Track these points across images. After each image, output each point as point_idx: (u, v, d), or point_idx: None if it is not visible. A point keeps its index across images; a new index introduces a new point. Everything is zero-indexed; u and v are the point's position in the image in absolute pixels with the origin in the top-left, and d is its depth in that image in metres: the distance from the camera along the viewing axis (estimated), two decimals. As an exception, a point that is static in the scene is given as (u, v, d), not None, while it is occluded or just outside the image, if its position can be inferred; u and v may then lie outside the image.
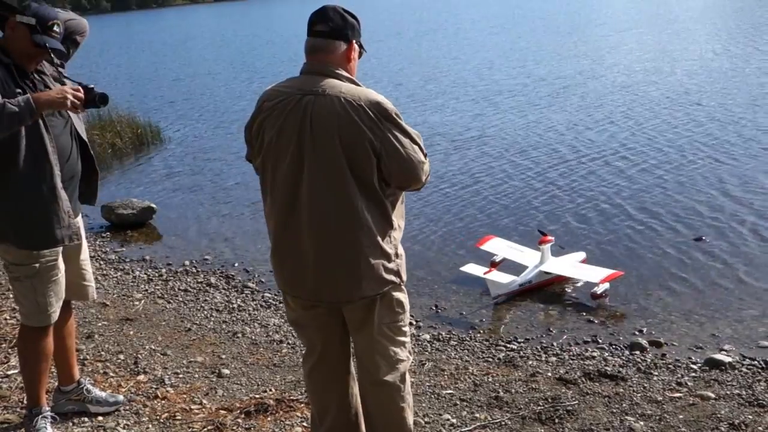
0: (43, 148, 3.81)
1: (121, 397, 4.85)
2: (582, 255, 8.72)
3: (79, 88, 3.83)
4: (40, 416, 4.23)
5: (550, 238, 8.67)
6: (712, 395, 5.11)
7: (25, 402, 4.37)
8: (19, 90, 3.76)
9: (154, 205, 11.58)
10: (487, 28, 40.93)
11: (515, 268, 8.47)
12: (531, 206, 11.04)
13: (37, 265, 3.94)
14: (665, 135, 14.50)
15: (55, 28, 3.91)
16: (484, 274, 8.11)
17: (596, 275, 8.01)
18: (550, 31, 36.85)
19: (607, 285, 7.93)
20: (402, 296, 3.42)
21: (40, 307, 4.01)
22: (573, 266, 8.46)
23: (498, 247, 8.96)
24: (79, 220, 4.22)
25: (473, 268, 8.42)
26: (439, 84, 23.09)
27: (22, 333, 4.18)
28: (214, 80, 28.78)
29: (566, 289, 8.33)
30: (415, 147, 3.20)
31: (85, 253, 4.37)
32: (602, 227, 9.96)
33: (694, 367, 6.05)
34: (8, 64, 3.80)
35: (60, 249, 4.01)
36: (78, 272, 4.30)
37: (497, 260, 8.78)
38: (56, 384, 4.65)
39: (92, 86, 3.91)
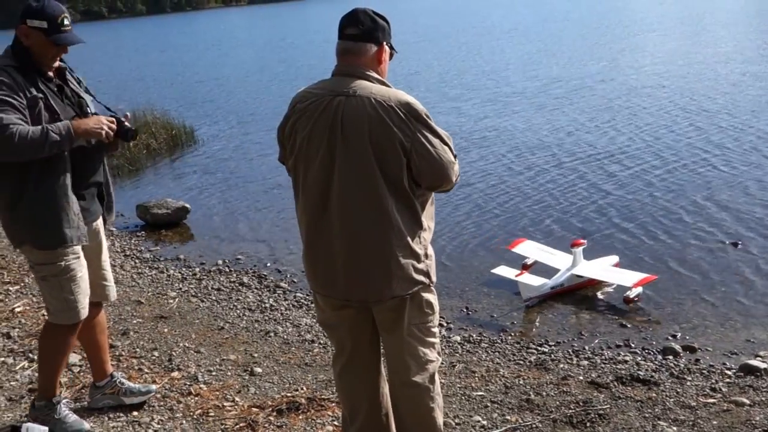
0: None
1: (153, 387, 4.94)
2: (615, 259, 8.65)
3: (114, 120, 4.03)
4: (61, 404, 4.31)
5: (582, 240, 8.62)
6: (747, 401, 5.06)
7: (36, 394, 4.41)
8: (41, 95, 3.83)
9: (188, 205, 11.70)
10: (518, 31, 40.77)
11: (547, 271, 8.43)
12: (561, 209, 10.97)
13: (61, 263, 3.99)
14: (700, 138, 14.33)
15: (66, 21, 3.93)
16: (516, 276, 8.08)
17: (629, 279, 7.94)
18: (586, 31, 36.64)
19: (640, 289, 7.86)
20: (432, 297, 3.43)
21: (69, 304, 4.06)
22: (605, 270, 8.39)
23: (529, 249, 8.93)
24: (99, 223, 4.26)
25: (505, 271, 8.40)
26: (465, 85, 23.10)
27: (49, 330, 4.20)
28: (247, 82, 28.98)
29: (598, 293, 8.28)
30: (446, 147, 3.22)
31: (105, 254, 4.42)
32: (635, 230, 9.87)
33: (729, 372, 5.97)
34: (26, 69, 3.82)
35: (79, 247, 4.06)
36: (98, 273, 4.34)
37: (529, 263, 8.74)
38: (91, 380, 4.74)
39: (123, 119, 4.10)
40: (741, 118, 15.59)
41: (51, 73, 3.99)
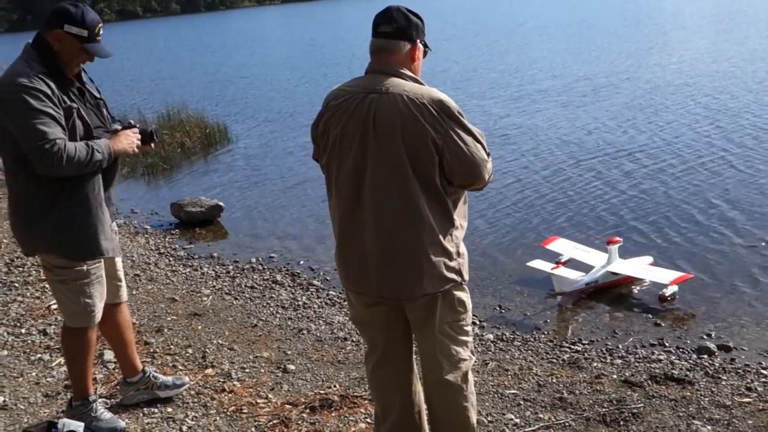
0: None
1: (186, 379, 4.99)
2: (649, 259, 8.57)
3: (137, 130, 4.15)
4: (97, 402, 4.37)
5: (618, 239, 8.56)
6: (784, 401, 5.00)
7: (72, 395, 4.44)
8: (75, 105, 3.84)
9: (222, 203, 11.79)
10: (548, 29, 40.54)
11: (581, 268, 8.39)
12: (593, 207, 10.88)
13: (84, 267, 4.01)
14: (736, 135, 14.14)
15: (101, 32, 3.93)
16: (552, 269, 8.07)
17: (666, 277, 7.88)
18: (617, 29, 36.34)
19: (675, 288, 7.79)
20: (464, 295, 3.43)
21: (87, 308, 4.09)
22: (641, 268, 8.34)
23: (563, 247, 8.90)
24: (114, 225, 4.28)
25: (540, 264, 8.41)
26: (491, 82, 23.06)
27: (67, 332, 4.22)
28: (280, 80, 29.09)
29: (632, 292, 8.22)
30: (478, 145, 3.21)
31: (119, 257, 4.44)
32: (670, 229, 9.76)
33: (765, 372, 5.90)
34: (56, 76, 3.81)
35: None
36: (113, 273, 4.35)
37: (563, 260, 8.70)
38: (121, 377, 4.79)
39: (138, 126, 4.23)
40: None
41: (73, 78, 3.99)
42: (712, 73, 21.23)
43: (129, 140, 4.06)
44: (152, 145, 4.34)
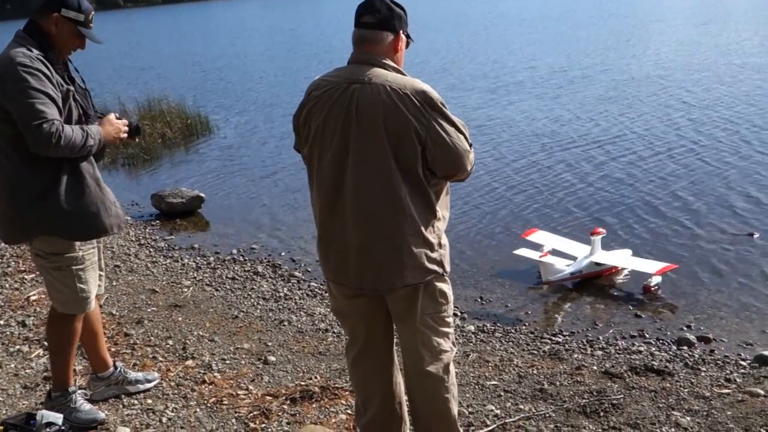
0: None
1: (156, 374, 4.96)
2: (629, 252, 8.62)
3: (125, 122, 4.19)
4: (77, 393, 4.33)
5: (601, 230, 8.62)
6: (762, 392, 5.03)
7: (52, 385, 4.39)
8: (71, 88, 3.87)
9: (202, 194, 11.74)
10: (527, 21, 40.64)
11: (563, 258, 8.43)
12: (576, 200, 10.95)
13: (80, 253, 4.00)
14: (713, 130, 14.25)
15: (93, 18, 4.00)
16: (540, 257, 8.10)
17: (651, 267, 7.95)
18: (598, 21, 36.49)
19: (659, 278, 7.86)
20: (445, 287, 3.42)
21: (81, 294, 4.07)
22: (626, 258, 8.41)
23: (543, 238, 8.94)
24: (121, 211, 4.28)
25: (527, 252, 8.47)
26: (468, 74, 23.17)
27: (55, 319, 4.20)
28: (261, 71, 28.99)
29: (613, 284, 8.27)
30: (461, 136, 3.20)
31: (102, 245, 4.40)
32: (650, 222, 9.83)
33: (744, 363, 5.96)
34: (51, 60, 3.81)
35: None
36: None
37: (545, 251, 8.74)
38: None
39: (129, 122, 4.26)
40: (754, 114, 15.49)
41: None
42: (687, 66, 21.49)
43: (116, 128, 4.08)
44: (136, 139, 4.37)
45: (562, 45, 28.52)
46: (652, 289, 7.80)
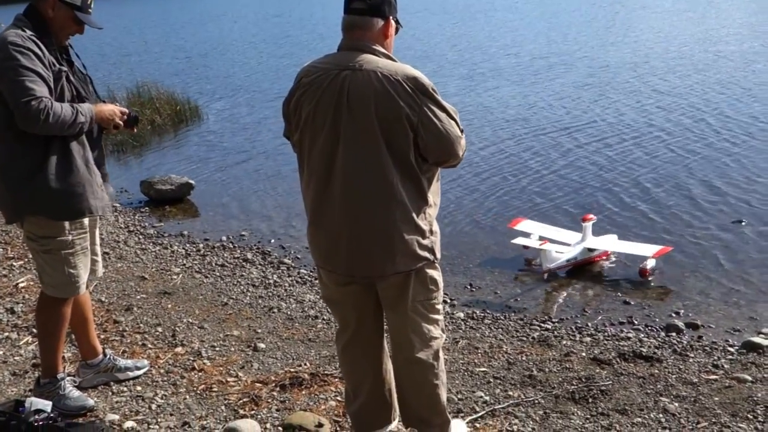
0: None
1: (146, 362, 4.95)
2: (614, 237, 8.66)
3: (125, 111, 4.19)
4: (65, 380, 4.32)
5: (592, 216, 8.67)
6: (749, 378, 5.06)
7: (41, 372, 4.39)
8: (64, 69, 3.87)
9: (192, 181, 11.69)
10: (515, 8, 40.61)
11: (557, 245, 8.48)
12: (566, 187, 10.98)
13: (69, 237, 4.00)
14: (702, 117, 14.32)
15: (92, 4, 4.00)
16: (541, 245, 8.13)
17: (647, 250, 8.02)
18: (591, 5, 36.47)
19: (654, 261, 7.92)
20: (436, 274, 3.42)
21: (71, 278, 4.07)
22: (621, 242, 8.47)
23: (530, 227, 8.96)
24: (110, 193, 4.26)
25: (526, 241, 8.54)
26: (455, 61, 23.21)
27: (45, 303, 4.19)
28: (251, 57, 28.83)
29: (602, 270, 8.30)
30: (452, 122, 3.20)
31: (97, 230, 4.41)
32: (637, 210, 9.86)
33: (731, 349, 5.99)
34: (45, 42, 3.83)
35: (87, 221, 4.09)
36: (91, 248, 4.31)
37: (545, 239, 8.77)
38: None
39: (128, 111, 4.26)
40: (745, 100, 15.56)
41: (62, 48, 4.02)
42: (665, 53, 21.82)
43: (111, 113, 4.09)
44: (134, 129, 4.39)
45: (544, 32, 28.67)
46: (648, 272, 7.85)
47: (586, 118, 14.97)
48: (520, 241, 8.57)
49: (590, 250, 8.34)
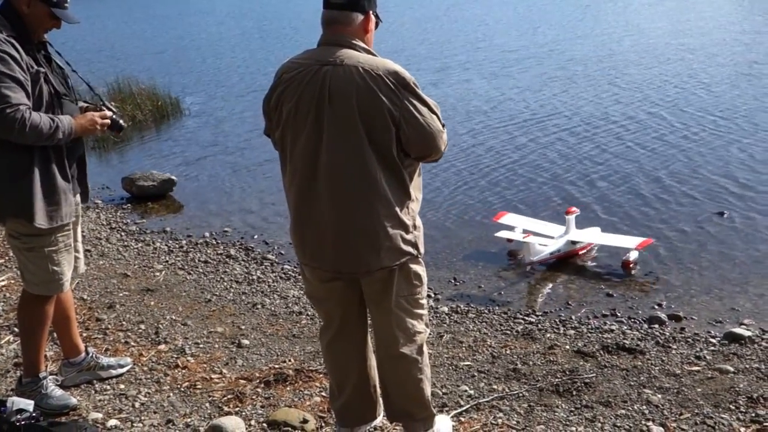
0: None
1: (129, 359, 4.92)
2: (597, 230, 8.70)
3: (106, 114, 4.13)
4: (48, 379, 4.29)
5: (575, 209, 8.71)
6: (731, 369, 5.10)
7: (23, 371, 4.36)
8: (42, 70, 3.83)
9: (174, 177, 11.63)
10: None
11: (540, 238, 8.52)
12: (545, 180, 11.03)
13: (52, 236, 3.98)
14: (683, 109, 14.43)
15: None
16: (524, 238, 8.17)
17: (631, 242, 8.10)
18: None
19: (637, 253, 7.98)
20: (420, 269, 3.42)
21: (54, 275, 4.05)
22: (604, 235, 8.55)
23: (513, 220, 8.98)
24: (78, 198, 4.22)
25: (511, 234, 8.56)
26: (424, 56, 23.28)
27: (27, 301, 4.17)
28: (233, 53, 28.68)
29: (585, 264, 8.33)
30: (434, 116, 3.19)
31: (79, 228, 4.39)
32: (620, 202, 9.92)
33: (713, 341, 6.02)
34: (23, 40, 3.78)
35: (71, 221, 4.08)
36: (73, 245, 4.28)
37: (528, 232, 8.81)
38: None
39: (114, 113, 4.22)
40: (726, 91, 15.68)
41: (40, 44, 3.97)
42: (635, 46, 22.22)
43: (92, 123, 4.03)
44: (118, 133, 4.37)
45: (514, 25, 28.87)
46: (631, 264, 7.90)
47: (560, 110, 15.15)
48: (504, 234, 8.60)
49: (574, 242, 8.37)
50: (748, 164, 10.86)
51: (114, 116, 4.19)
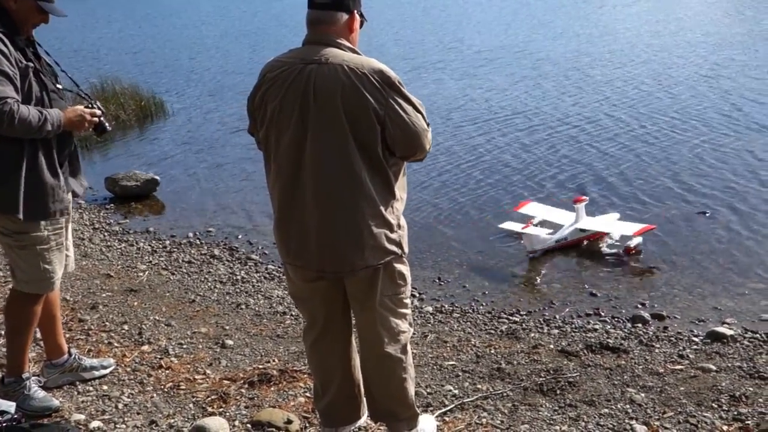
0: None
1: (112, 361, 4.88)
2: (617, 215, 8.98)
3: (96, 113, 4.10)
4: (31, 380, 4.25)
5: (584, 197, 8.90)
6: (714, 368, 5.13)
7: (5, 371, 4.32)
8: (31, 65, 3.82)
9: (157, 177, 11.59)
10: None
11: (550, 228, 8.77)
12: (533, 177, 11.07)
13: (45, 233, 3.96)
14: (670, 108, 14.49)
15: None
16: (522, 228, 8.37)
17: (629, 228, 8.33)
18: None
19: (640, 239, 8.11)
20: (404, 268, 3.41)
21: (46, 273, 4.03)
22: (607, 222, 8.76)
23: (534, 210, 9.20)
24: (70, 196, 4.20)
25: (511, 225, 8.71)
26: (399, 55, 23.32)
27: (16, 299, 4.14)
28: (218, 52, 28.57)
29: (571, 262, 8.36)
30: (419, 115, 3.19)
31: (70, 224, 4.37)
32: (602, 200, 9.95)
33: (696, 339, 6.07)
34: (11, 35, 3.77)
35: (63, 218, 4.05)
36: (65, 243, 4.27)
37: (534, 222, 8.97)
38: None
39: (102, 115, 4.18)
40: (708, 92, 15.78)
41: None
42: (609, 45, 22.54)
43: (80, 117, 4.02)
44: (100, 136, 4.37)
45: (488, 25, 29.07)
46: (633, 249, 8.05)
47: (534, 110, 15.30)
48: (505, 225, 8.77)
49: (582, 230, 8.65)
50: (731, 165, 10.91)
51: (102, 117, 4.18)
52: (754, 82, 16.03)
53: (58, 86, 4.09)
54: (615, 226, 8.62)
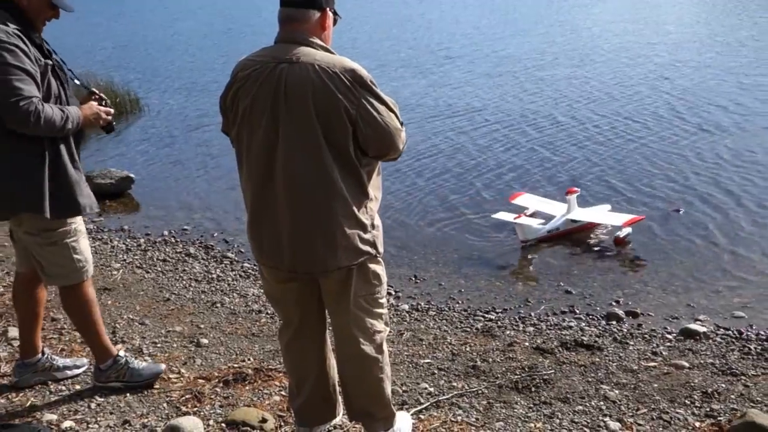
0: None
1: (85, 360, 4.84)
2: (608, 206, 9.14)
3: (110, 111, 4.23)
4: (127, 356, 4.46)
5: (576, 189, 9.07)
6: (687, 364, 5.18)
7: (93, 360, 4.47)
8: (49, 63, 3.84)
9: (132, 175, 11.50)
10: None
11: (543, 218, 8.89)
12: (501, 176, 11.15)
13: (71, 226, 4.01)
14: (642, 107, 14.62)
15: None
16: (515, 219, 8.53)
17: (618, 219, 8.52)
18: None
19: (629, 229, 8.21)
20: (378, 268, 3.40)
21: (79, 263, 4.08)
22: (597, 213, 8.93)
23: (527, 201, 9.34)
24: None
25: (503, 215, 8.87)
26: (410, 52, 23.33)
27: (67, 297, 4.20)
28: (192, 50, 28.41)
29: (547, 260, 8.40)
30: (392, 115, 3.17)
31: None
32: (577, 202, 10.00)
33: (669, 337, 6.12)
34: (33, 35, 3.78)
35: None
36: None
37: (528, 213, 9.07)
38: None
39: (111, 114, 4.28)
40: (680, 92, 15.90)
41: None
42: (580, 42, 22.97)
43: (95, 114, 4.09)
44: (108, 134, 4.52)
45: (455, 23, 29.22)
46: (623, 240, 8.17)
47: (494, 109, 15.43)
48: (498, 216, 8.91)
49: (574, 221, 8.81)
50: (705, 163, 11.01)
51: (111, 118, 4.27)
52: (710, 83, 16.29)
53: (77, 81, 4.18)
54: (605, 217, 8.83)
